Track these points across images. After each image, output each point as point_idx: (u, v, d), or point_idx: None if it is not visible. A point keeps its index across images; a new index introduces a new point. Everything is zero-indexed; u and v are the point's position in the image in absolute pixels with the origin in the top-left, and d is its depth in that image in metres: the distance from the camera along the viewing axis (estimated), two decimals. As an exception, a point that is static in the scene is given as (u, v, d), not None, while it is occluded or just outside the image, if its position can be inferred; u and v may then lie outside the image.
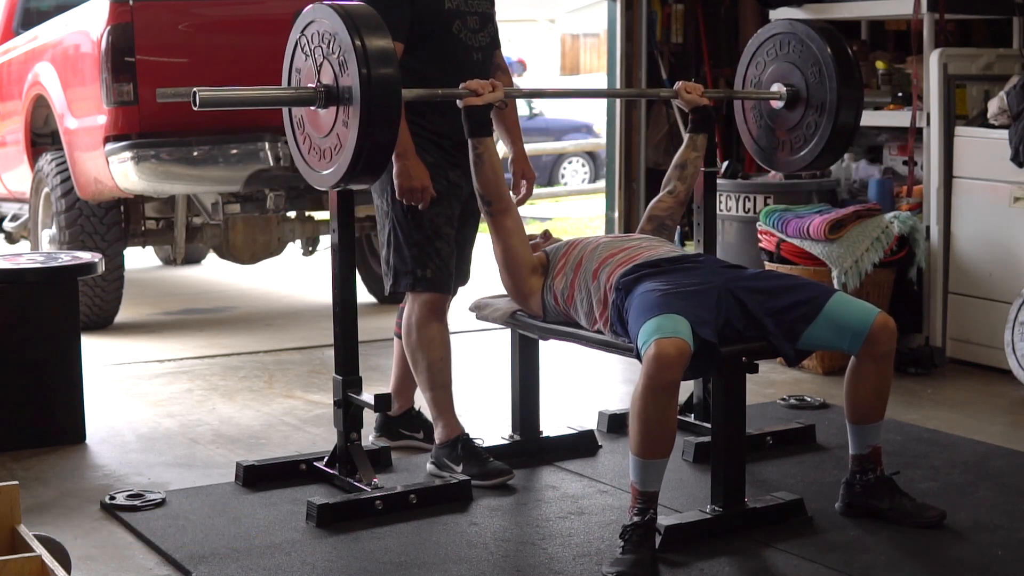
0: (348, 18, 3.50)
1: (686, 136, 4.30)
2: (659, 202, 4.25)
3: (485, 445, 4.20)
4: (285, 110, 3.89)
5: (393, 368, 4.43)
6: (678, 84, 4.26)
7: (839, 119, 4.28)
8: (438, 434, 4.12)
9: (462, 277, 4.28)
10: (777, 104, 4.42)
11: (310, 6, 3.69)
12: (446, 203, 4.05)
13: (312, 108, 3.66)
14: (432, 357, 4.09)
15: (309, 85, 3.65)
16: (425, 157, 3.99)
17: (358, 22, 3.50)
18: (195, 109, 3.58)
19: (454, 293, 4.19)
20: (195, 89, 3.51)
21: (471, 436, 4.14)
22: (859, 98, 4.33)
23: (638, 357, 3.41)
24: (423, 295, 4.06)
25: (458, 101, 3.82)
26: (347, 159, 3.54)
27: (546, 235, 4.22)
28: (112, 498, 3.92)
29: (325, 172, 3.69)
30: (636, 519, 3.39)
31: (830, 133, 4.30)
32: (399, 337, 4.34)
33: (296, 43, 3.76)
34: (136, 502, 3.88)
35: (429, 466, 4.12)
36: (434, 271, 4.04)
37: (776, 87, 4.41)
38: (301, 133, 3.82)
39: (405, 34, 3.94)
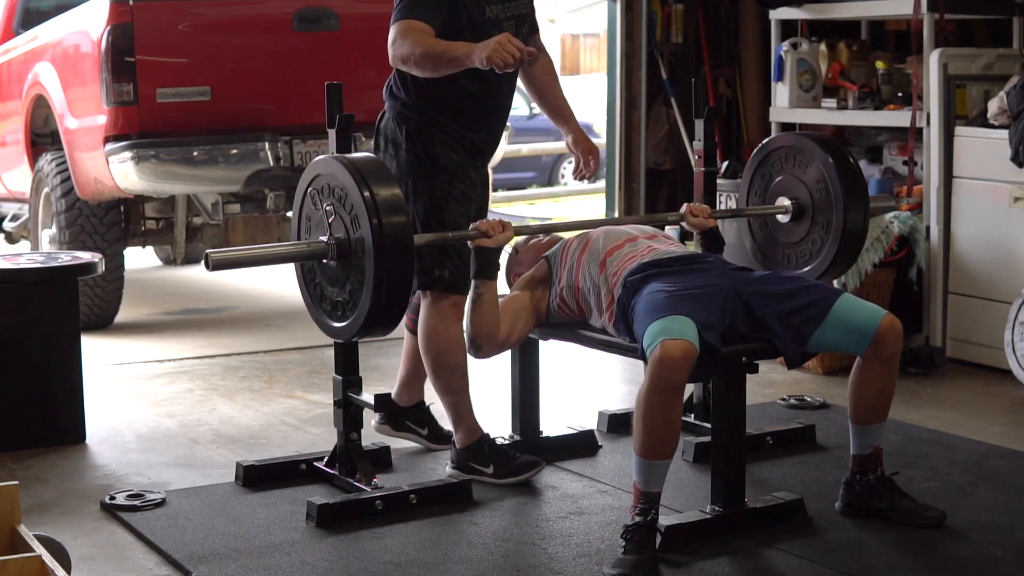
0: (356, 171, 3.46)
1: None
2: None
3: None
4: (299, 279, 3.82)
5: (403, 361, 4.38)
6: (684, 208, 4.17)
7: (844, 237, 4.18)
8: (459, 438, 4.10)
9: None
10: (783, 218, 4.34)
11: (316, 159, 3.64)
12: (467, 203, 4.01)
13: (324, 262, 3.61)
14: (454, 363, 4.05)
15: (321, 239, 3.58)
16: (451, 156, 3.96)
17: (366, 175, 3.45)
18: (208, 270, 3.53)
19: None
20: (207, 251, 3.48)
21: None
22: (865, 215, 4.22)
23: (643, 358, 3.41)
24: (445, 296, 4.01)
25: (469, 243, 3.80)
26: (363, 312, 3.48)
27: (544, 237, 4.21)
28: (112, 498, 3.92)
29: (340, 325, 3.62)
30: (638, 519, 3.39)
31: (835, 253, 4.20)
32: (411, 331, 4.30)
33: (305, 192, 3.69)
34: (136, 502, 3.89)
35: (450, 470, 4.10)
36: (452, 272, 3.99)
37: (781, 201, 4.33)
38: (318, 296, 3.73)
39: (439, 22, 3.86)
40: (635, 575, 3.28)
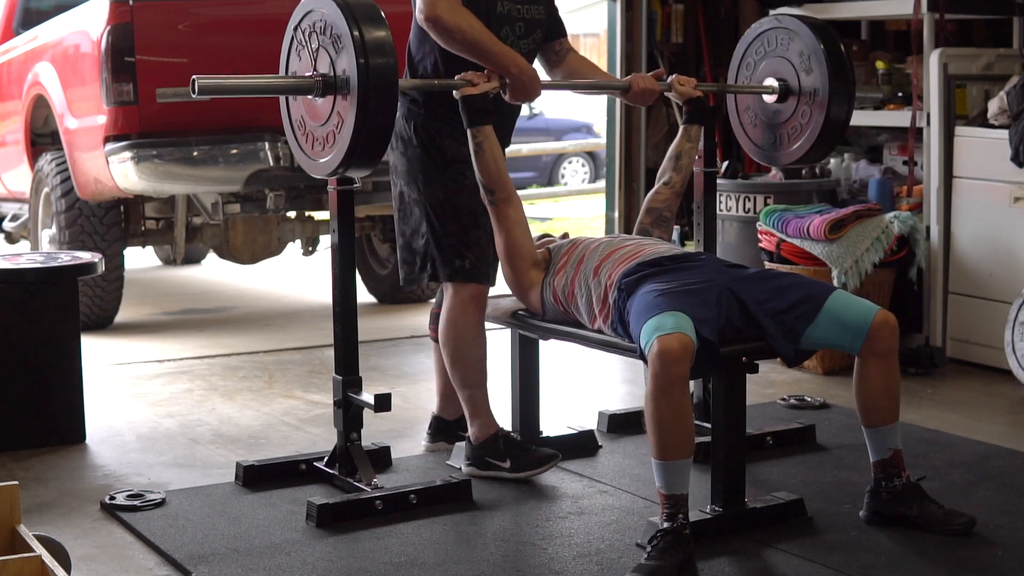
0: (346, 8, 3.52)
1: (681, 127, 4.32)
2: (656, 194, 4.27)
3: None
4: (284, 113, 3.89)
5: (436, 375, 4.37)
6: (671, 77, 4.31)
7: (831, 108, 4.27)
8: (474, 432, 4.08)
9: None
10: (770, 98, 4.42)
11: None
12: (479, 195, 3.99)
13: (309, 97, 3.68)
14: (475, 355, 4.04)
15: (306, 74, 3.67)
16: (461, 149, 3.97)
17: (356, 12, 3.52)
18: (194, 97, 3.57)
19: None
20: (194, 76, 3.52)
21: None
22: (851, 89, 4.32)
23: (643, 358, 3.40)
24: (465, 287, 4.00)
25: (455, 92, 3.83)
26: (345, 145, 3.56)
27: (560, 238, 4.21)
28: (112, 498, 3.92)
29: (323, 160, 3.70)
30: (666, 524, 3.33)
31: (823, 122, 4.28)
32: (437, 342, 4.24)
33: (292, 39, 3.78)
34: (136, 502, 3.88)
35: (466, 468, 4.08)
36: (472, 261, 3.99)
37: (768, 81, 4.42)
38: (302, 132, 3.84)
39: None
40: None
